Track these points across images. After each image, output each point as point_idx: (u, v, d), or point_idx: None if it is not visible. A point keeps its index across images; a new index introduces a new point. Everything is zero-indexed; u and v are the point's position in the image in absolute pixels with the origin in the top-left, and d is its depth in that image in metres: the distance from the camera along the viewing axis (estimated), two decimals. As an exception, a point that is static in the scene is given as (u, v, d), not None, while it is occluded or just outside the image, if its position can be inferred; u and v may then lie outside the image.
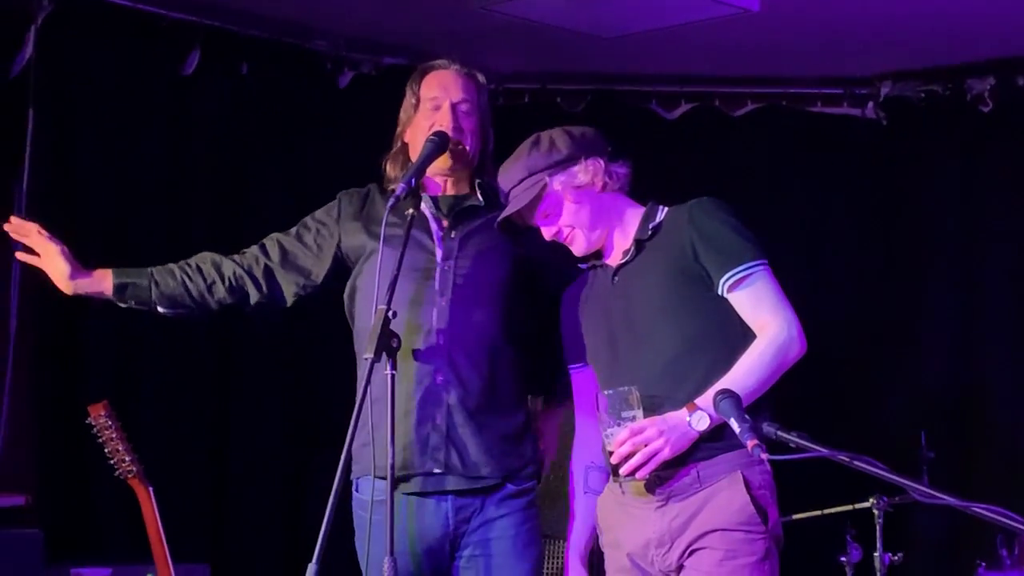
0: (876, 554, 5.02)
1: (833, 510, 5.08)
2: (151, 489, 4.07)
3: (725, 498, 3.21)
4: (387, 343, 3.18)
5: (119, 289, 3.64)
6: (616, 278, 3.38)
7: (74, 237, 4.95)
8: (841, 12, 5.45)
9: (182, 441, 5.22)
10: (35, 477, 4.94)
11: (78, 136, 5.10)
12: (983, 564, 5.02)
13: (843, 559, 5.11)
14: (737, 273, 3.26)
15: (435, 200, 3.58)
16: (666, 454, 3.18)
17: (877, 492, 4.95)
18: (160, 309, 3.67)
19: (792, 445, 2.78)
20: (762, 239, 3.33)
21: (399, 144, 3.67)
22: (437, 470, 3.46)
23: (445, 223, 3.55)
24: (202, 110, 5.38)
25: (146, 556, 4.09)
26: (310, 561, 3.04)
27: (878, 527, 5.00)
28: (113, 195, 5.10)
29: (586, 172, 3.39)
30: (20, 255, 3.65)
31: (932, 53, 5.97)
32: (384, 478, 3.27)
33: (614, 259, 3.41)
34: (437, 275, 3.50)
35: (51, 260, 3.60)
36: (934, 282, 6.16)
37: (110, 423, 4.02)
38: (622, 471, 3.20)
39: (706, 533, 3.21)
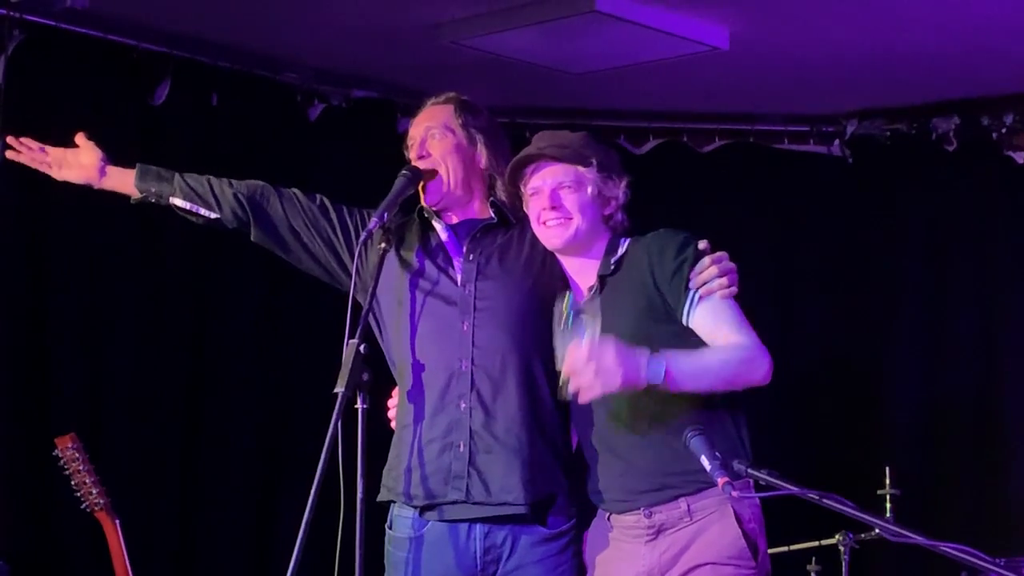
0: (841, 590, 5.04)
1: (799, 546, 5.09)
2: (118, 522, 4.05)
3: (716, 531, 3.21)
4: (358, 378, 3.18)
5: (142, 174, 3.68)
6: (584, 316, 3.37)
7: (42, 263, 5.01)
8: (809, 52, 5.50)
9: (150, 473, 5.19)
10: (1, 510, 4.89)
11: (47, 166, 5.06)
12: (948, 601, 5.03)
13: (808, 595, 5.13)
14: (697, 293, 3.25)
15: (453, 227, 3.53)
16: (617, 381, 3.08)
17: (843, 529, 4.97)
18: (177, 201, 3.65)
19: (762, 483, 2.79)
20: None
21: None
22: (460, 498, 3.36)
23: (464, 248, 3.49)
24: (172, 140, 5.36)
25: (112, 589, 4.07)
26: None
27: (844, 564, 5.02)
28: (82, 222, 5.08)
29: (612, 187, 3.39)
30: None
31: (898, 93, 6.03)
32: (415, 507, 3.38)
33: (579, 294, 3.40)
34: (458, 300, 3.43)
35: (85, 150, 3.70)
36: (900, 319, 6.19)
37: (77, 455, 4.00)
38: (569, 387, 3.11)
39: (696, 567, 3.21)
